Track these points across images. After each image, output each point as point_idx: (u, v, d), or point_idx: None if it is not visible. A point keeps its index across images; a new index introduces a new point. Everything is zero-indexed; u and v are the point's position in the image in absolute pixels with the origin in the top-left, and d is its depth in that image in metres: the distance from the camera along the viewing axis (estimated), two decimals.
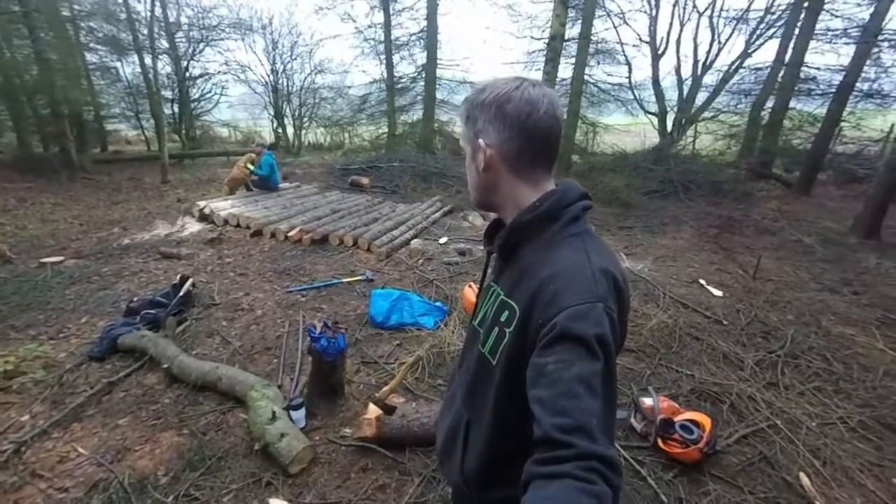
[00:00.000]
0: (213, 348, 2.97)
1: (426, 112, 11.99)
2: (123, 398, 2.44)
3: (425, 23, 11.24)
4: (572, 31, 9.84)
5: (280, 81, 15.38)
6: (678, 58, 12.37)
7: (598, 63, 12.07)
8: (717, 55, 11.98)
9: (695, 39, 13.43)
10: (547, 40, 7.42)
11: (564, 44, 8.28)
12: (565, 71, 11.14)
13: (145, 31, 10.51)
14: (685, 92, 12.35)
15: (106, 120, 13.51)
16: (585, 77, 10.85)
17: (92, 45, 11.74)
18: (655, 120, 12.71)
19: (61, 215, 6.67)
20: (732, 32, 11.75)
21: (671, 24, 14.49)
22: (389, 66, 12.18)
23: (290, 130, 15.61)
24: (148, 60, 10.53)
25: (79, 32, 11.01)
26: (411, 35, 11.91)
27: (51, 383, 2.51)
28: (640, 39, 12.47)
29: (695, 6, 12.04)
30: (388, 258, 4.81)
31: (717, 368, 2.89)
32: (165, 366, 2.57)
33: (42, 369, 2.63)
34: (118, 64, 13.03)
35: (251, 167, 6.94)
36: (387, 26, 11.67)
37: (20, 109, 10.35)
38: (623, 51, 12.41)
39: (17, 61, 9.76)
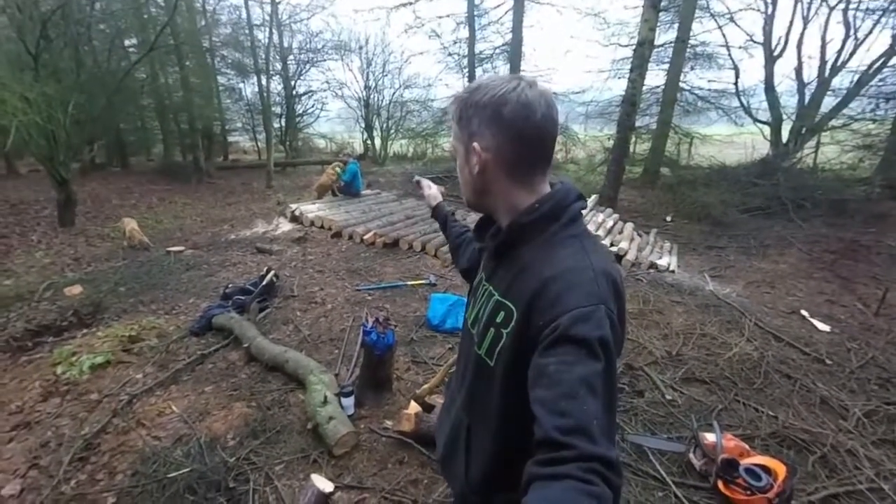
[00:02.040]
0: (286, 334, 3.31)
1: None
2: (211, 369, 2.84)
3: (510, 35, 11.35)
4: (666, 35, 9.21)
5: (371, 97, 16.59)
6: (799, 59, 10.84)
7: (693, 68, 11.04)
8: (851, 54, 10.28)
9: (823, 37, 11.64)
10: (634, 47, 7.04)
11: (656, 50, 7.80)
12: (656, 78, 10.45)
13: (264, 56, 12.11)
14: (807, 97, 10.77)
15: (229, 133, 15.82)
16: (680, 84, 10.02)
17: (223, 69, 13.84)
18: (767, 129, 11.26)
19: (188, 213, 7.93)
20: (874, 27, 10.00)
21: (791, 22, 12.76)
22: (472, 79, 12.49)
23: (377, 142, 16.71)
24: (264, 81, 12.11)
25: (214, 59, 13.03)
26: (495, 48, 12.13)
27: (160, 350, 3.02)
28: (752, 40, 11.21)
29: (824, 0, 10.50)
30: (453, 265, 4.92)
31: (811, 413, 2.48)
32: (246, 345, 2.93)
33: (156, 338, 3.17)
34: (241, 85, 15.19)
35: (339, 170, 7.63)
36: (471, 41, 12.01)
37: (167, 125, 12.57)
38: (729, 54, 11.27)
39: (168, 85, 11.88)
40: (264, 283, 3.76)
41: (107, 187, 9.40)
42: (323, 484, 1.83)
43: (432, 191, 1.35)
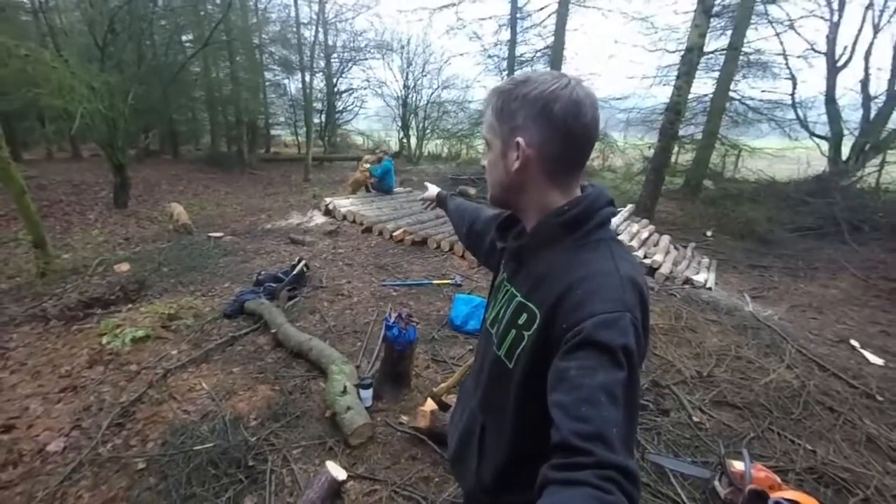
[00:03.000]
0: (312, 323, 3.40)
1: None
2: (240, 351, 2.96)
3: (552, 38, 11.20)
4: (717, 42, 8.82)
5: (410, 96, 16.80)
6: (867, 70, 10.08)
7: (746, 77, 10.47)
8: None
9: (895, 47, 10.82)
10: (682, 53, 6.78)
11: (706, 57, 7.48)
12: (704, 86, 10.02)
13: (309, 53, 12.52)
14: (873, 112, 10.01)
15: (272, 126, 16.43)
16: (730, 93, 9.56)
17: (270, 65, 14.40)
18: (825, 144, 10.54)
19: (230, 201, 8.30)
20: None
21: (860, 30, 11.92)
22: None
23: (412, 141, 16.89)
24: (308, 77, 12.53)
25: (262, 55, 13.58)
26: (536, 51, 11.99)
27: (195, 329, 3.17)
28: (813, 49, 10.54)
29: None
30: (480, 266, 4.90)
31: (854, 451, 2.30)
32: (273, 331, 3.04)
33: (192, 317, 3.34)
34: (286, 80, 15.75)
35: (368, 165, 7.77)
36: (512, 43, 11.94)
37: (216, 117, 13.21)
38: (786, 63, 10.64)
39: (218, 80, 12.49)
40: (294, 272, 3.89)
41: (158, 173, 9.98)
42: (337, 471, 1.87)
43: (429, 191, 1.44)
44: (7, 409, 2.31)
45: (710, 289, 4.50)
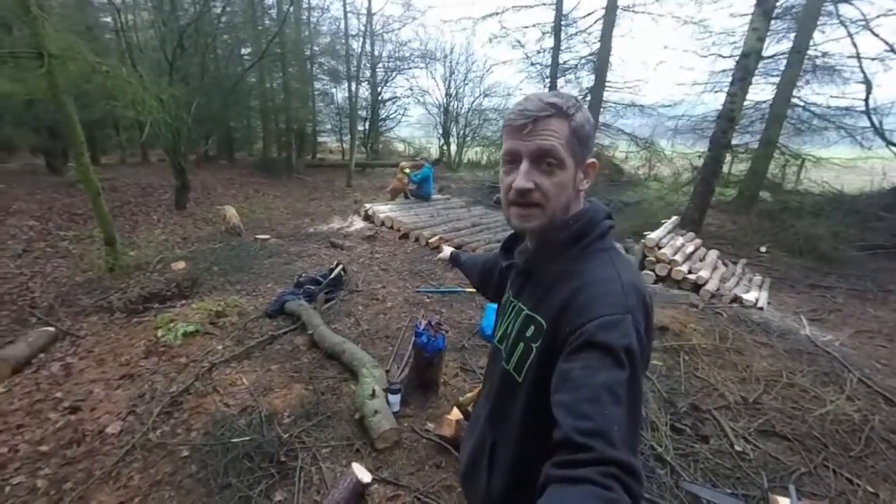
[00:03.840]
0: (347, 326, 3.51)
1: None
2: (278, 350, 3.11)
3: (597, 45, 10.96)
4: (778, 45, 8.27)
5: (451, 104, 16.99)
6: None
7: (809, 82, 9.69)
8: None
9: None
10: (737, 58, 6.42)
11: (764, 61, 7.04)
12: (762, 92, 9.41)
13: (356, 64, 13.00)
14: None
15: (319, 133, 17.13)
16: (793, 99, 8.92)
17: (319, 75, 15.07)
18: None
19: (277, 205, 8.74)
20: None
21: None
22: (553, 89, 12.25)
23: (453, 148, 17.03)
24: (354, 87, 13.00)
25: (313, 66, 14.24)
26: (581, 58, 11.76)
27: (239, 326, 3.37)
28: (892, 50, 9.62)
29: None
30: None
31: None
32: (310, 332, 3.17)
33: (237, 315, 3.55)
34: (334, 90, 16.41)
35: (407, 171, 7.93)
36: (555, 51, 11.79)
37: (268, 125, 13.98)
38: (860, 66, 9.77)
39: (272, 89, 13.23)
40: (332, 275, 4.03)
41: (214, 177, 10.67)
42: (362, 474, 1.92)
43: (443, 252, 1.54)
44: (76, 392, 2.56)
45: (761, 309, 4.20)
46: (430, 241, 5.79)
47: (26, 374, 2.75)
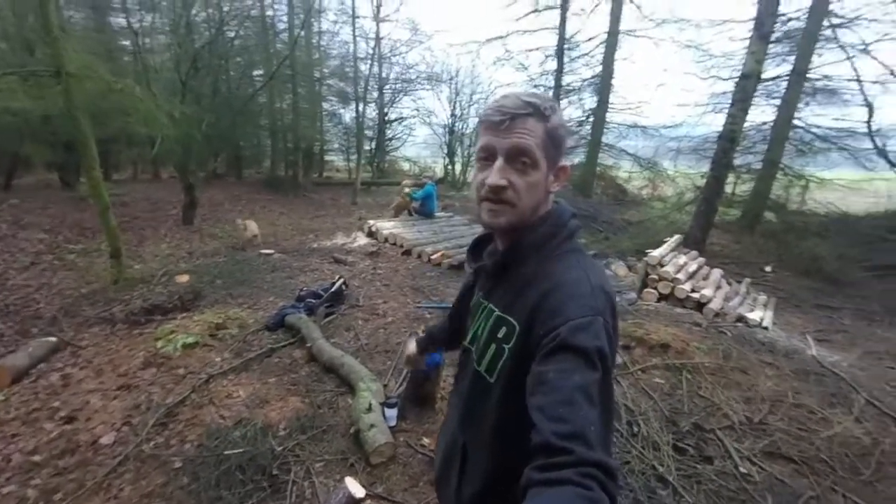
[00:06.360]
0: (346, 340, 3.50)
1: (589, 156, 11.75)
2: (276, 363, 3.09)
3: (599, 68, 11.20)
4: (779, 68, 8.40)
5: (456, 124, 17.30)
6: None
7: (809, 104, 9.80)
8: None
9: None
10: (736, 80, 6.53)
11: (767, 83, 7.15)
12: (764, 114, 9.51)
13: (363, 85, 13.37)
14: None
15: (326, 152, 17.47)
16: (794, 120, 9.00)
17: (328, 96, 15.47)
18: None
19: (282, 221, 8.85)
20: None
21: None
22: None
23: (457, 167, 17.24)
24: (361, 108, 13.33)
25: (321, 87, 14.64)
26: (583, 80, 11.99)
27: (238, 339, 3.37)
28: (893, 73, 9.71)
29: None
30: None
31: None
32: (309, 345, 3.16)
33: (237, 328, 3.55)
34: (342, 110, 16.81)
35: (408, 190, 8.02)
36: (558, 73, 12.04)
37: (277, 143, 14.29)
38: (861, 89, 9.86)
39: (281, 109, 13.58)
40: (333, 289, 4.04)
41: (222, 194, 10.86)
42: (355, 488, 1.89)
43: (409, 347, 1.33)
44: (72, 402, 2.56)
45: (766, 328, 4.14)
46: (432, 257, 5.81)
47: (25, 383, 2.76)
